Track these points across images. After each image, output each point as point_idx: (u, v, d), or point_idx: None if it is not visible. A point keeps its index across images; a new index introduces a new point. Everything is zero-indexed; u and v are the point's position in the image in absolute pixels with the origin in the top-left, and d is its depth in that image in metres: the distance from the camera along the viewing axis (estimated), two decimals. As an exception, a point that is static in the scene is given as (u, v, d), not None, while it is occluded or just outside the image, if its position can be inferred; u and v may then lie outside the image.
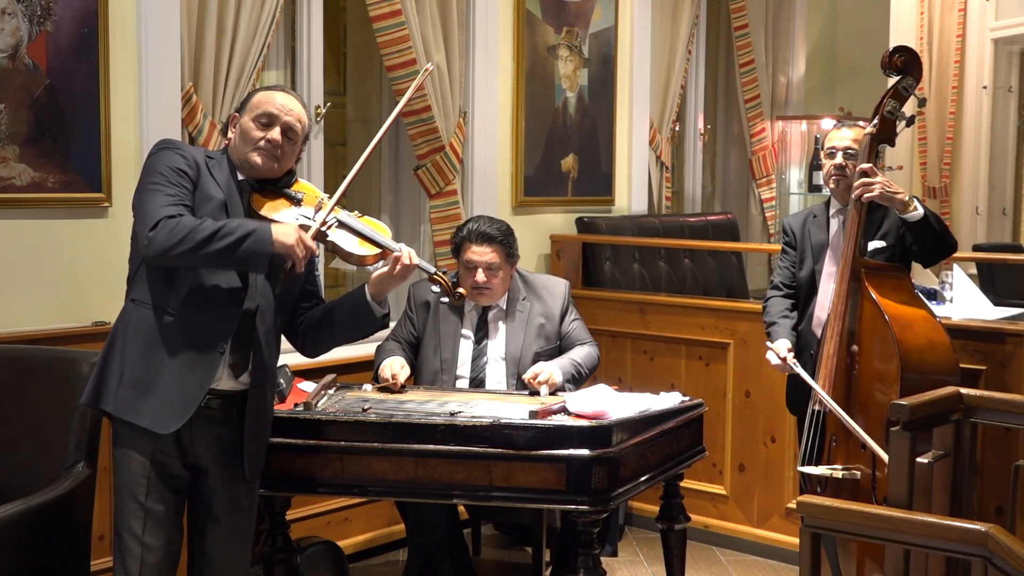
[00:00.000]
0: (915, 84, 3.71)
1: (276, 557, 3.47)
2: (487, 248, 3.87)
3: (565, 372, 3.81)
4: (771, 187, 7.21)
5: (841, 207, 3.86)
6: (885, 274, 3.65)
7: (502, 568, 4.67)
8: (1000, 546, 2.03)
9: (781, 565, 4.62)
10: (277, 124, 2.90)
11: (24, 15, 3.54)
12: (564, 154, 5.52)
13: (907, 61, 3.69)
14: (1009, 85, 7.48)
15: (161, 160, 2.83)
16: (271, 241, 2.72)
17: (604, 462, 3.20)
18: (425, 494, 3.29)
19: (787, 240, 4.03)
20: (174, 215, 2.71)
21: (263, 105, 2.91)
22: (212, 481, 2.92)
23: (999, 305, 4.98)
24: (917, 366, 3.46)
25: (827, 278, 3.83)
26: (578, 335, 4.02)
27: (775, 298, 4.02)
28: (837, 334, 3.59)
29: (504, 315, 3.98)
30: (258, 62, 4.08)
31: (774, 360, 3.79)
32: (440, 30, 4.77)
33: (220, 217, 2.80)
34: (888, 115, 3.66)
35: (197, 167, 2.85)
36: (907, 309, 3.58)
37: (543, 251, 5.40)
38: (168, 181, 2.78)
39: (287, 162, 2.96)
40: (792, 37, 7.45)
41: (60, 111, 3.64)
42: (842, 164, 3.78)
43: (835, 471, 3.52)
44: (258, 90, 3.01)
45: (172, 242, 2.68)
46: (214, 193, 2.85)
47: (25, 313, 3.61)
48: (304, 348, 3.17)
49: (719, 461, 4.81)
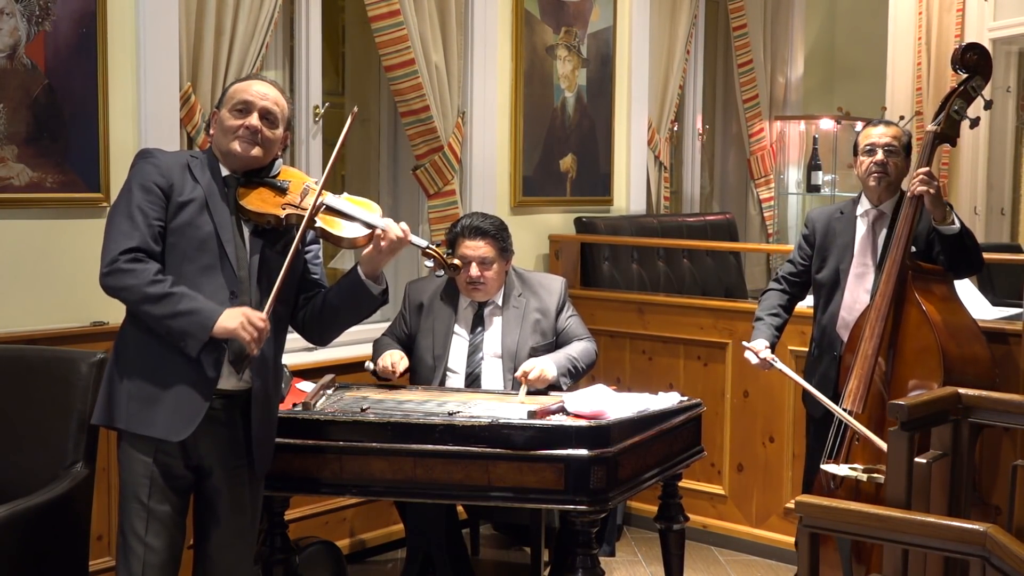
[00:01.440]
0: (983, 84, 3.60)
1: (275, 557, 3.47)
2: (480, 242, 3.88)
3: (560, 367, 3.80)
4: (769, 187, 7.22)
5: (871, 207, 3.77)
6: (931, 279, 3.57)
7: (501, 568, 4.67)
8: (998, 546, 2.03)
9: (779, 565, 4.62)
10: (254, 110, 2.88)
11: (22, 15, 3.54)
12: (563, 154, 5.52)
13: (979, 60, 3.57)
14: (1008, 85, 7.47)
15: (135, 176, 2.84)
16: (208, 327, 2.71)
17: (602, 462, 3.20)
18: (424, 494, 3.28)
19: (806, 234, 3.94)
20: (131, 256, 2.72)
21: (239, 94, 2.90)
22: (216, 482, 2.92)
23: (997, 305, 4.99)
24: (959, 379, 3.33)
25: (855, 279, 3.76)
26: (575, 331, 4.02)
27: (772, 292, 3.98)
28: (877, 335, 3.50)
29: (500, 311, 3.98)
30: (256, 62, 4.08)
31: (752, 359, 3.78)
32: (439, 30, 4.77)
33: (201, 218, 2.81)
34: (955, 114, 3.56)
35: (171, 177, 2.83)
36: (955, 317, 3.51)
37: (542, 251, 5.40)
38: (136, 206, 2.77)
39: (270, 148, 2.93)
40: (790, 37, 7.45)
41: (58, 111, 3.64)
42: (883, 160, 3.69)
43: (859, 472, 3.46)
44: (234, 82, 3.00)
45: (120, 288, 2.73)
46: (194, 195, 2.83)
47: (23, 313, 3.61)
48: (311, 337, 3.14)
49: (718, 461, 4.82)
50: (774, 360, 3.73)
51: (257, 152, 2.89)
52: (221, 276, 2.83)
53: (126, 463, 2.85)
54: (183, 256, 2.81)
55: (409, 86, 4.66)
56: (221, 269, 2.83)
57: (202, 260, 2.82)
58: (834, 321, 3.80)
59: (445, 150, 4.82)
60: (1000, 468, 3.73)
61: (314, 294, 3.08)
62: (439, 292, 4.03)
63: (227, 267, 2.84)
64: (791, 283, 3.97)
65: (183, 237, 2.81)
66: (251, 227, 2.91)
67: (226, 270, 2.84)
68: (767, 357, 3.75)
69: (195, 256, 2.82)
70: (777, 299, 3.95)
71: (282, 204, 2.90)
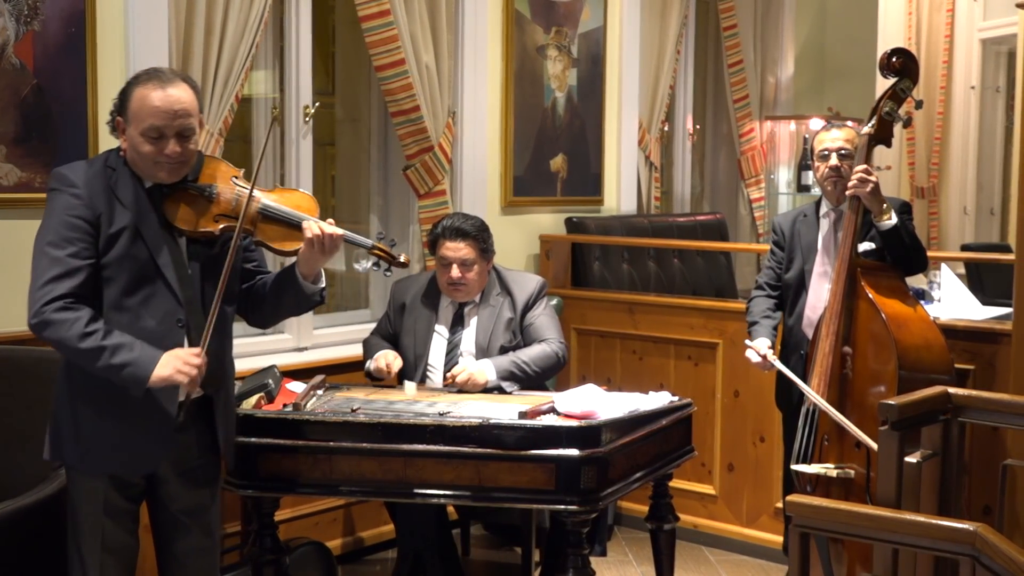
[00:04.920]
0: (912, 86, 3.72)
1: (265, 558, 3.45)
2: (461, 243, 3.88)
3: (501, 370, 3.77)
4: (760, 187, 7.22)
5: (832, 207, 3.87)
6: (881, 274, 3.67)
7: (491, 568, 4.67)
8: (988, 545, 2.03)
9: (770, 564, 4.62)
10: (170, 135, 2.68)
11: (11, 14, 3.52)
12: (553, 154, 5.51)
13: (905, 63, 3.70)
14: (997, 85, 7.49)
15: (57, 210, 2.68)
16: (144, 379, 2.63)
17: (593, 462, 3.19)
18: (414, 495, 3.28)
19: (776, 239, 4.05)
20: (59, 305, 2.61)
21: (146, 118, 2.66)
22: (172, 488, 2.87)
23: (987, 305, 5.00)
24: (914, 365, 3.48)
25: (818, 277, 3.85)
26: (540, 331, 3.94)
27: (758, 298, 4.04)
28: (833, 333, 3.59)
29: (477, 309, 3.98)
30: (246, 62, 4.07)
31: (754, 358, 3.82)
32: (429, 30, 4.76)
33: (135, 246, 2.70)
34: (886, 116, 3.67)
35: (96, 207, 2.67)
36: (903, 308, 3.59)
37: (532, 251, 5.40)
38: (63, 245, 2.64)
39: (192, 157, 2.77)
40: (781, 37, 7.46)
41: (47, 111, 3.63)
42: (837, 165, 3.79)
43: (829, 470, 3.54)
44: (134, 85, 2.72)
45: (50, 341, 2.64)
46: (124, 224, 2.70)
47: (12, 313, 3.59)
48: (253, 323, 3.12)
49: (708, 461, 4.82)
50: (775, 361, 3.76)
51: (185, 171, 2.77)
52: (165, 304, 2.75)
53: (75, 480, 2.80)
54: (122, 289, 2.70)
55: (399, 86, 4.66)
56: (164, 296, 2.74)
57: (143, 290, 2.72)
58: (800, 320, 3.89)
59: (435, 150, 4.82)
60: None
61: (255, 282, 3.01)
62: (421, 291, 4.04)
63: (170, 293, 2.75)
64: (773, 287, 4.05)
65: (120, 269, 2.70)
66: (186, 237, 2.81)
67: (169, 296, 2.75)
68: (769, 356, 3.78)
69: (135, 287, 2.71)
70: (766, 303, 4.02)
71: (215, 216, 2.79)
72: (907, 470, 2.64)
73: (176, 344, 2.74)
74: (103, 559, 2.78)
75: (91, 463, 2.77)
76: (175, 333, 2.75)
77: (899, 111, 3.70)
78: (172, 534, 2.91)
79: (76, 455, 2.77)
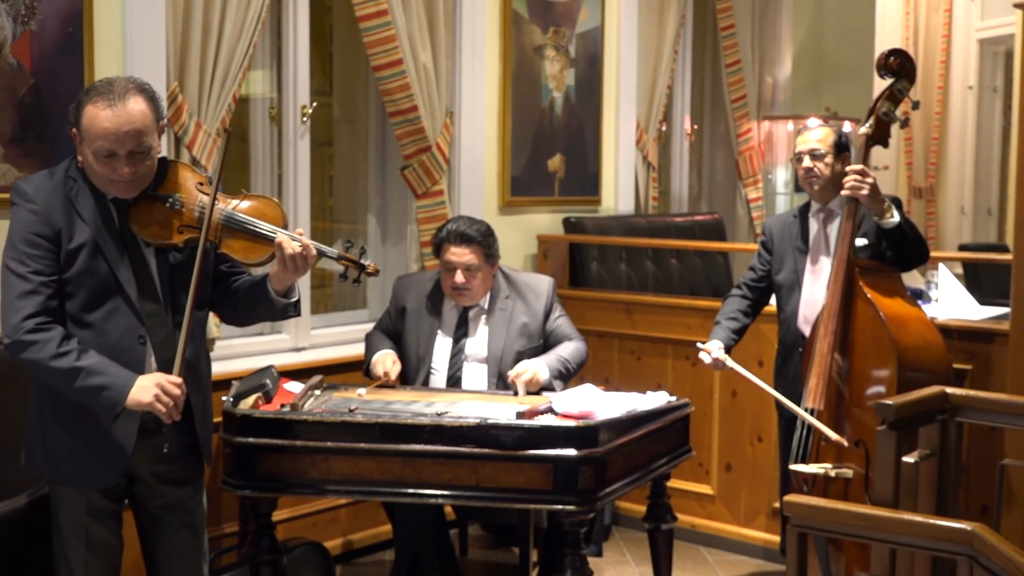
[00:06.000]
0: (909, 87, 3.74)
1: (262, 558, 3.45)
2: (466, 249, 3.86)
3: (552, 369, 3.80)
4: (758, 187, 7.22)
5: (821, 207, 3.89)
6: (879, 274, 3.67)
7: (489, 568, 4.67)
8: (986, 545, 2.03)
9: (768, 564, 4.62)
10: (122, 154, 2.64)
11: (8, 14, 3.52)
12: (551, 154, 5.51)
13: (902, 64, 3.71)
14: (995, 85, 7.50)
15: (18, 227, 2.67)
16: (118, 403, 2.63)
17: (591, 462, 3.20)
18: (412, 495, 3.28)
19: (764, 241, 4.08)
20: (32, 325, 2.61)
21: (97, 139, 2.62)
22: (151, 486, 2.88)
23: (985, 305, 4.99)
24: (913, 365, 3.48)
25: (812, 276, 3.86)
26: (564, 332, 4.02)
27: (732, 298, 4.09)
28: (831, 332, 3.58)
29: (485, 314, 3.97)
30: (244, 62, 4.06)
31: (706, 359, 3.83)
32: (426, 30, 4.76)
33: (95, 262, 2.68)
34: (883, 116, 3.69)
35: (55, 223, 2.66)
36: (902, 308, 3.59)
37: (530, 251, 5.39)
38: (27, 263, 2.64)
39: (151, 172, 2.74)
40: (778, 37, 7.46)
41: (44, 111, 3.62)
42: (810, 167, 3.82)
43: (827, 469, 3.53)
44: (86, 100, 2.66)
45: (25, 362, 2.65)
46: (83, 239, 2.68)
47: (9, 314, 3.59)
48: (227, 321, 3.14)
49: (706, 461, 4.82)
50: (727, 360, 3.79)
51: (141, 187, 2.73)
52: (125, 320, 2.73)
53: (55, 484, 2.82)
54: (83, 305, 2.69)
55: (397, 86, 4.65)
56: (124, 313, 2.72)
57: (105, 306, 2.71)
58: (796, 317, 3.90)
59: (433, 150, 4.81)
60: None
61: (231, 283, 2.99)
62: (425, 291, 4.03)
63: (131, 309, 2.73)
64: (751, 288, 4.07)
65: (80, 286, 2.69)
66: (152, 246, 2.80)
67: (130, 312, 2.73)
68: (719, 357, 3.82)
69: (96, 303, 2.70)
70: (736, 304, 4.05)
71: (179, 228, 2.76)
72: (905, 470, 2.64)
73: (138, 359, 2.73)
74: (87, 559, 2.79)
75: (59, 474, 2.79)
76: (136, 349, 2.74)
77: (896, 111, 3.72)
78: (156, 532, 2.92)
79: (46, 464, 2.80)
